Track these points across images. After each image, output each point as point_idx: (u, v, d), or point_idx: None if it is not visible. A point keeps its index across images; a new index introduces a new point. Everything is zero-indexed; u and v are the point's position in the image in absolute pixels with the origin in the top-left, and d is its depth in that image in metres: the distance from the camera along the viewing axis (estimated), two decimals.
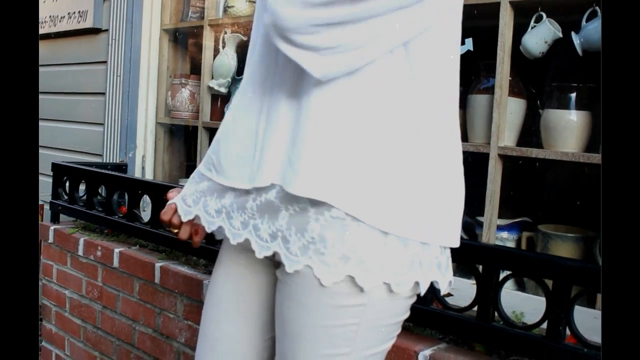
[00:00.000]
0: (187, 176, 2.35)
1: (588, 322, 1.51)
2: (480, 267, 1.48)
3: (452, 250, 1.20)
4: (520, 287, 2.01)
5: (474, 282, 1.52)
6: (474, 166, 2.41)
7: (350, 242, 0.97)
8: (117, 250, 2.31)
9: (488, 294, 1.46)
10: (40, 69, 3.56)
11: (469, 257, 1.48)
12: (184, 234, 1.21)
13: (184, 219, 1.19)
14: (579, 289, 1.36)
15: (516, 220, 2.09)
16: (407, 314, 1.12)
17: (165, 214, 1.21)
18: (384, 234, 0.98)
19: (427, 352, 1.50)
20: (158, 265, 2.14)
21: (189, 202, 1.18)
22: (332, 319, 1.03)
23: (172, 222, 1.20)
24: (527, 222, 2.11)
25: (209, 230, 1.15)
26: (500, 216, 2.00)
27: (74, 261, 2.56)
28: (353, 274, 0.98)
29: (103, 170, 2.54)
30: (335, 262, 0.98)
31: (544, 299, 1.40)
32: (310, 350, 1.06)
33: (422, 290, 1.06)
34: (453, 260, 1.58)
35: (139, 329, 2.25)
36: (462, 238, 1.17)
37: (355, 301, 1.01)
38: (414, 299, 1.10)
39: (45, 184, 3.34)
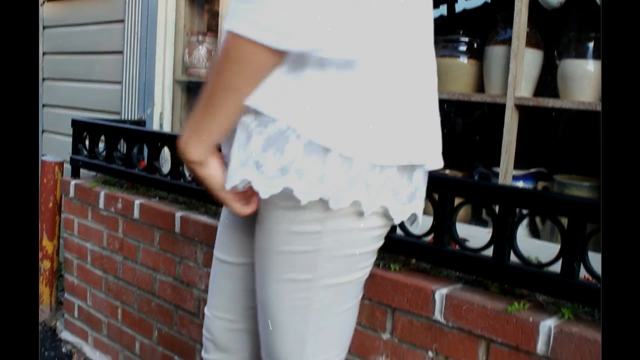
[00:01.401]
0: None
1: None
2: (497, 208, 1.51)
3: (469, 191, 1.24)
4: (535, 235, 2.04)
5: (490, 230, 1.55)
6: (491, 117, 2.44)
7: (290, 155, 0.99)
8: (137, 202, 2.36)
9: (504, 234, 1.49)
10: (58, 30, 3.60)
11: (485, 197, 1.51)
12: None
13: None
14: (594, 227, 1.39)
15: (532, 170, 2.11)
16: (376, 245, 1.16)
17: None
18: (326, 150, 0.99)
19: (444, 291, 1.54)
20: (178, 215, 2.18)
21: None
22: (289, 244, 1.08)
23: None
24: (543, 173, 2.13)
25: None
26: (516, 167, 2.02)
27: (94, 214, 2.61)
28: (291, 186, 1.00)
29: (122, 125, 2.58)
30: (273, 174, 1.00)
31: (558, 245, 1.43)
32: (275, 274, 1.12)
33: (366, 211, 1.06)
34: (470, 202, 1.61)
35: (159, 278, 2.31)
36: (478, 183, 1.20)
37: (309, 228, 1.06)
38: (382, 231, 1.13)
39: (65, 143, 3.39)
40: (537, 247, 1.81)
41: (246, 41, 0.92)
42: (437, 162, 1.13)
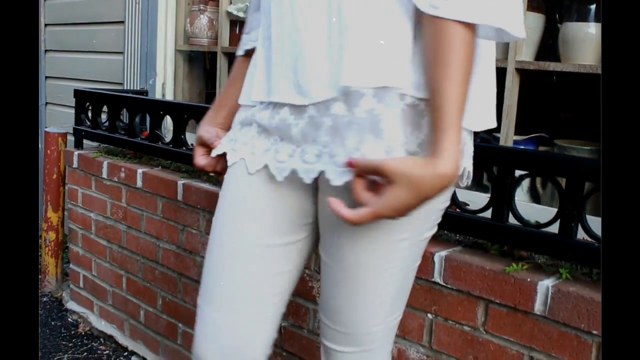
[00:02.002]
0: (207, 102, 2.39)
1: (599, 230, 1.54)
2: (495, 169, 1.51)
3: None
4: (536, 199, 2.04)
5: (489, 195, 1.55)
6: None
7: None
8: (140, 171, 2.37)
9: (503, 195, 1.49)
10: (60, 1, 3.58)
11: (484, 159, 1.51)
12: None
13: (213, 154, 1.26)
14: (592, 187, 1.39)
15: (532, 135, 2.10)
16: (448, 202, 1.21)
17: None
18: None
19: (443, 253, 1.55)
20: (180, 182, 2.19)
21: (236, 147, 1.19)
22: None
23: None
24: (544, 137, 2.13)
25: (252, 171, 1.15)
26: (516, 132, 2.01)
27: (98, 184, 2.62)
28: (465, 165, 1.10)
29: (124, 94, 2.58)
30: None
31: (557, 210, 1.44)
32: (380, 238, 1.11)
33: (463, 178, 1.13)
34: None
35: (163, 246, 2.32)
36: (477, 144, 1.21)
37: None
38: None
39: (68, 115, 3.40)
40: (537, 212, 1.81)
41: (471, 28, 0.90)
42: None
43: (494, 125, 1.14)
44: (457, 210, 1.59)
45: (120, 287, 2.59)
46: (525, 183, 2.06)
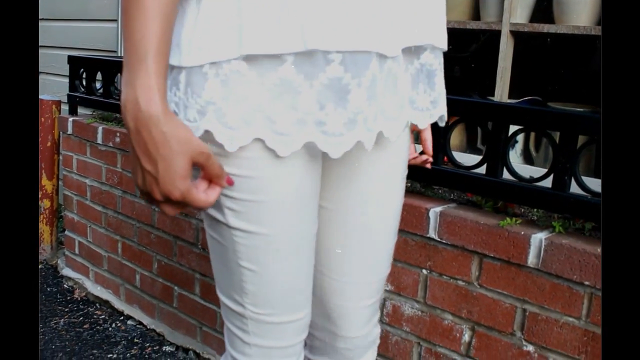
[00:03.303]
0: None
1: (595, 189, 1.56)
2: (490, 125, 1.52)
3: (462, 109, 1.25)
4: (528, 161, 2.06)
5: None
6: (486, 44, 2.43)
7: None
8: None
9: (497, 150, 1.51)
10: None
11: (478, 115, 1.52)
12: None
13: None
14: (586, 140, 1.40)
15: (526, 98, 2.12)
16: None
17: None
18: None
19: (438, 209, 1.57)
20: None
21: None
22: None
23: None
24: (537, 101, 2.14)
25: (286, 153, 0.90)
26: (511, 96, 2.03)
27: (93, 150, 2.62)
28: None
29: (119, 58, 2.58)
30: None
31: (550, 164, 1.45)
32: (402, 189, 1.16)
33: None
34: (463, 120, 1.62)
35: (158, 210, 2.33)
36: (471, 100, 1.21)
37: None
38: None
39: (61, 84, 3.39)
40: (530, 173, 1.83)
41: None
42: None
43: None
44: (452, 166, 1.61)
45: (115, 252, 2.60)
46: (519, 145, 2.08)
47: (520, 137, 2.08)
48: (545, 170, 1.49)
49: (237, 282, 0.96)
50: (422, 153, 1.26)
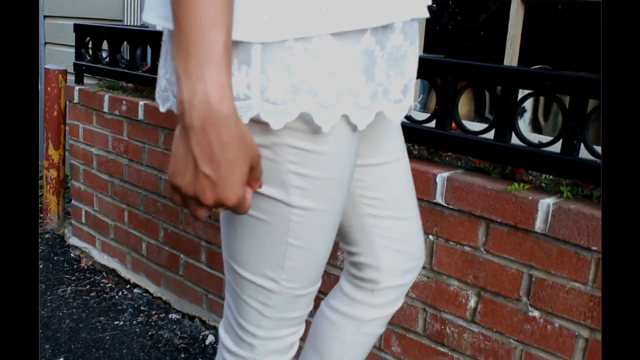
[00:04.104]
0: None
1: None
2: (499, 89, 1.51)
3: (471, 74, 1.23)
4: (537, 130, 2.05)
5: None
6: (496, 12, 2.41)
7: None
8: (141, 103, 2.36)
9: (505, 115, 1.50)
10: None
11: (487, 79, 1.51)
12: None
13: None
14: (596, 104, 1.39)
15: (535, 67, 2.10)
16: None
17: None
18: None
19: (445, 174, 1.56)
20: None
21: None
22: None
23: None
24: (547, 69, 2.12)
25: (363, 127, 0.88)
26: (520, 64, 2.01)
27: (99, 119, 2.62)
28: None
29: (125, 26, 2.56)
30: None
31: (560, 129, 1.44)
32: None
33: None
34: (472, 85, 1.61)
35: (164, 177, 2.33)
36: (480, 64, 1.20)
37: None
38: None
39: (67, 54, 3.37)
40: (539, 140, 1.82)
41: None
42: None
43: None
44: (460, 131, 1.60)
45: (122, 221, 2.61)
46: (528, 115, 2.06)
47: (529, 107, 2.06)
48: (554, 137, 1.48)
49: (277, 259, 0.94)
50: None
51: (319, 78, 0.81)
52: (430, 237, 1.61)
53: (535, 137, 1.83)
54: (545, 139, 1.70)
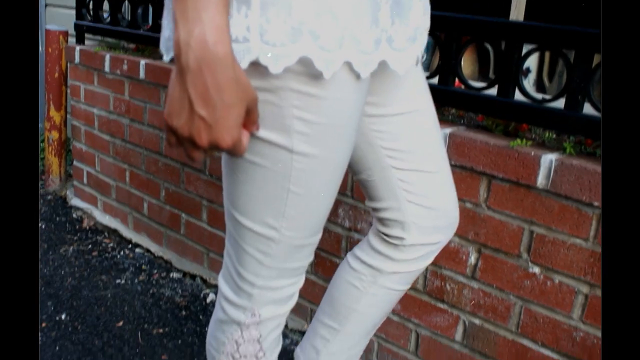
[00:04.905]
0: None
1: None
2: (503, 44, 1.49)
3: (475, 28, 1.21)
4: (541, 90, 2.03)
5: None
6: None
7: None
8: (143, 62, 2.35)
9: (509, 70, 1.48)
10: None
11: (491, 33, 1.49)
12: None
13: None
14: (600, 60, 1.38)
15: None
16: None
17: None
18: None
19: (447, 130, 1.55)
20: None
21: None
22: None
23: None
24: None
25: (366, 74, 0.88)
26: (526, 20, 1.99)
27: (100, 79, 2.60)
28: None
29: None
30: None
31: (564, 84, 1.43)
32: None
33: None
34: (476, 40, 1.59)
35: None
36: (483, 19, 1.18)
37: None
38: None
39: (67, 16, 3.34)
40: None
41: None
42: None
43: None
44: (463, 87, 1.59)
45: (123, 181, 2.61)
46: (532, 75, 2.05)
47: (533, 67, 2.05)
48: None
49: (278, 207, 0.93)
50: None
51: (321, 20, 0.80)
52: None
53: (539, 96, 1.82)
54: (550, 96, 1.69)
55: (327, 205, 0.98)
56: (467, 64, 2.12)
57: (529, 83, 2.04)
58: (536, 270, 1.47)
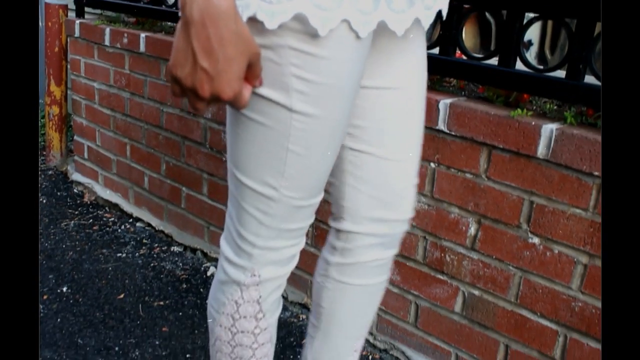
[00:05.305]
0: None
1: None
2: (504, 13, 1.48)
3: None
4: (543, 62, 2.02)
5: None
6: None
7: None
8: (143, 35, 2.34)
9: (510, 40, 1.47)
10: None
11: (492, 1, 1.48)
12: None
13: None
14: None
15: None
16: None
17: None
18: None
19: (448, 100, 1.54)
20: None
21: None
22: None
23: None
24: None
25: (365, 34, 0.88)
26: None
27: (100, 52, 2.59)
28: None
29: None
30: None
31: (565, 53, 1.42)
32: None
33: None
34: (477, 9, 1.58)
35: (166, 110, 2.32)
36: None
37: None
38: None
39: None
40: None
41: None
42: None
43: None
44: (464, 57, 1.58)
45: (124, 156, 2.60)
46: (534, 48, 2.04)
47: (535, 39, 2.03)
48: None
49: (277, 166, 0.94)
50: None
51: None
52: (432, 164, 1.60)
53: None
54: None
55: (327, 166, 0.98)
56: (468, 37, 2.10)
57: (530, 55, 2.02)
58: (536, 240, 1.47)
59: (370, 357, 1.83)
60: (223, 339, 1.10)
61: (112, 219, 2.64)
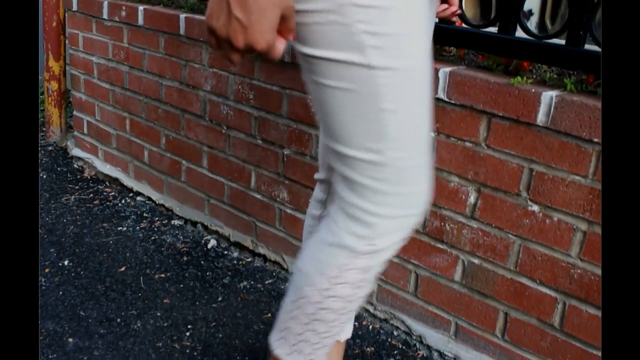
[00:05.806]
0: None
1: None
2: None
3: None
4: (543, 32, 2.01)
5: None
6: None
7: None
8: (141, 8, 2.32)
9: (510, 7, 1.46)
10: None
11: None
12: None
13: None
14: None
15: None
16: None
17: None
18: None
19: (447, 69, 1.54)
20: (183, 16, 2.15)
21: None
22: None
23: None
24: None
25: None
26: None
27: (99, 26, 2.58)
28: None
29: None
30: None
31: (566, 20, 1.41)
32: None
33: None
34: None
35: (165, 83, 2.31)
36: None
37: None
38: None
39: None
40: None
41: None
42: None
43: None
44: (463, 25, 1.57)
45: (124, 130, 2.60)
46: (534, 18, 2.02)
47: (536, 9, 2.02)
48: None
49: (377, 129, 0.93)
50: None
51: None
52: (432, 133, 1.60)
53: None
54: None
55: (425, 118, 0.97)
56: (468, 7, 2.08)
57: (531, 26, 2.01)
58: (535, 208, 1.47)
59: (370, 326, 1.84)
60: (311, 299, 1.08)
61: (113, 193, 2.64)
